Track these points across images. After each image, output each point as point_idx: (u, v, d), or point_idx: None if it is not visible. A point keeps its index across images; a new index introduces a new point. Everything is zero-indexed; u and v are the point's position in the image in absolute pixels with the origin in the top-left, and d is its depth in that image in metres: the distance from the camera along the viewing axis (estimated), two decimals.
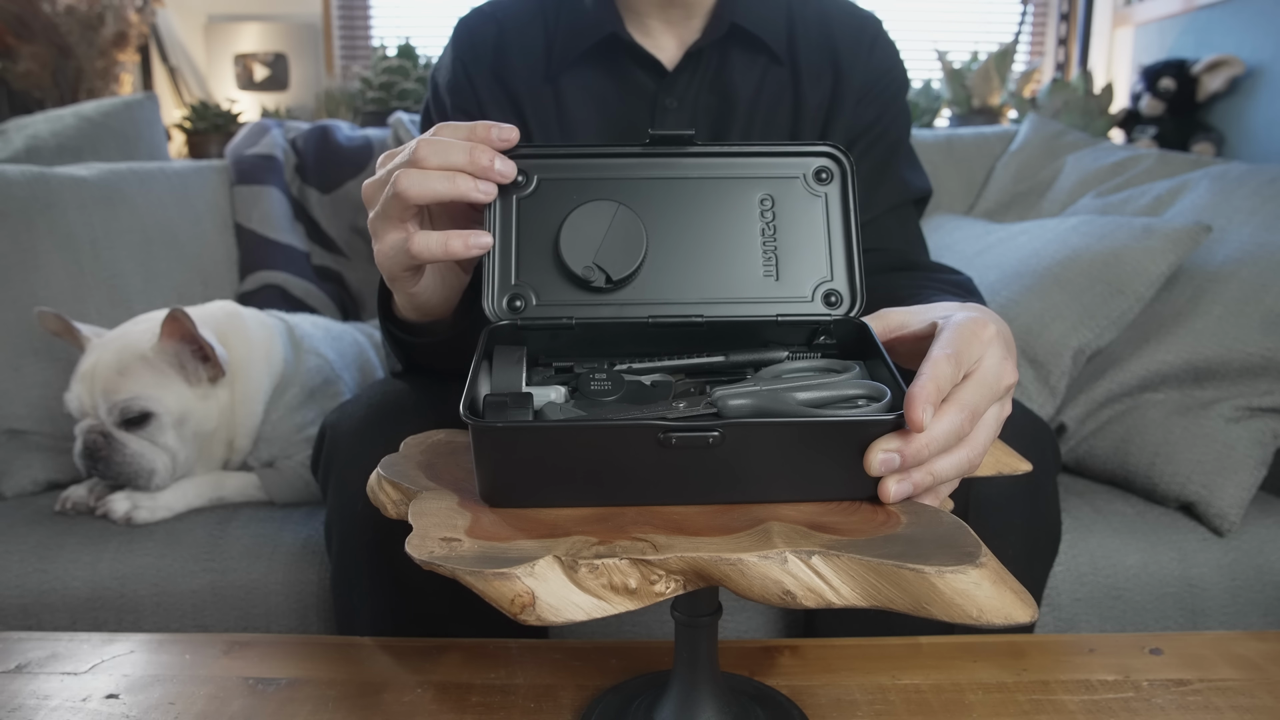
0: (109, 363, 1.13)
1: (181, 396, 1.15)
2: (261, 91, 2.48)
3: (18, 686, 0.64)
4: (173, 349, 1.14)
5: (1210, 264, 1.27)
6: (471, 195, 0.56)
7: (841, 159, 0.59)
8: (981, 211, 1.68)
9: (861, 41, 0.97)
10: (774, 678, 0.65)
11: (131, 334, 1.16)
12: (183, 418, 1.15)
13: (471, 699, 0.62)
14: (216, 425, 1.18)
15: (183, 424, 1.15)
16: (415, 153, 0.57)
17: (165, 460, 1.14)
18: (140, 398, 1.12)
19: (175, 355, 1.14)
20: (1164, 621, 1.09)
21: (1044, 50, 2.64)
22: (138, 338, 1.15)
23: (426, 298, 0.67)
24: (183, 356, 1.14)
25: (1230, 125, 1.88)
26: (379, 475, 0.54)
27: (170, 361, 1.14)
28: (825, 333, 0.57)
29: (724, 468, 0.48)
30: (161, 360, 1.14)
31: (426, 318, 0.72)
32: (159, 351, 1.14)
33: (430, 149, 0.57)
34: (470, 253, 0.56)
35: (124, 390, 1.12)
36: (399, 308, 0.74)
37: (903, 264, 0.92)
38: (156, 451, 1.14)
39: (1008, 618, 0.43)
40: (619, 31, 0.93)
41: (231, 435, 1.21)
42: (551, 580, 0.43)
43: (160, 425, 1.13)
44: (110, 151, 1.61)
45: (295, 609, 1.06)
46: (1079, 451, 1.25)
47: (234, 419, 1.20)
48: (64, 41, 2.01)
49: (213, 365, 1.15)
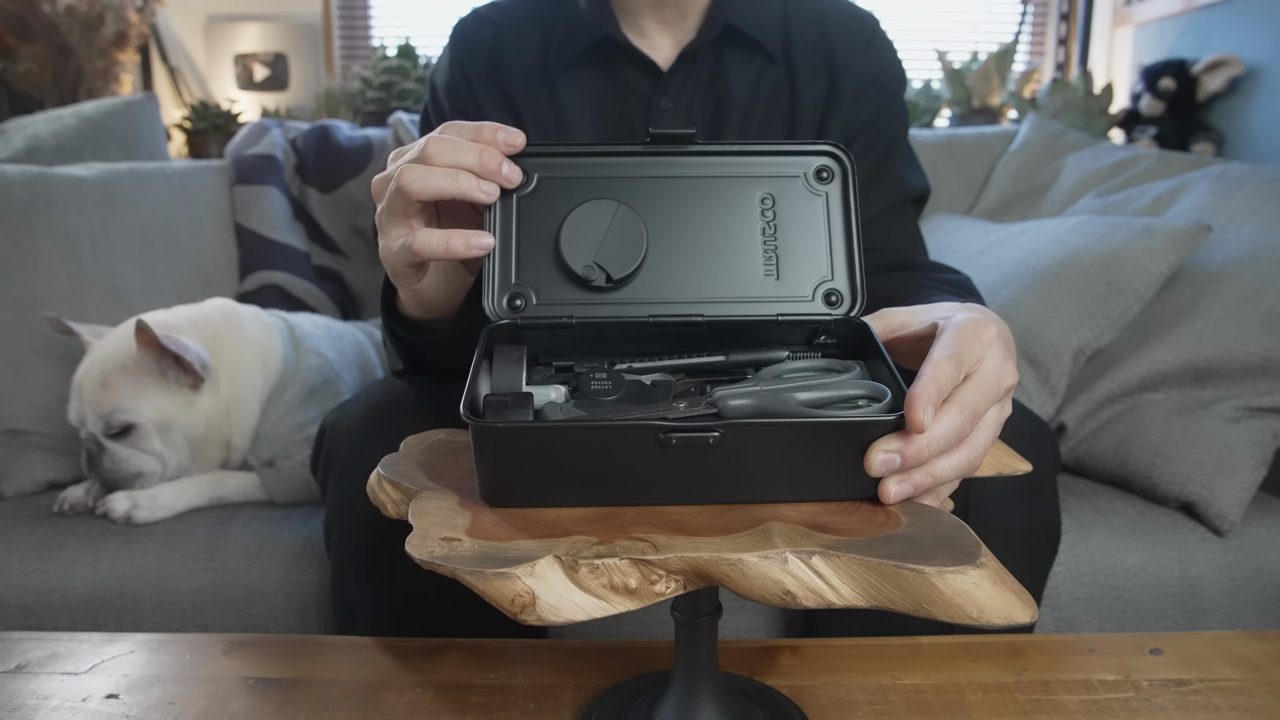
0: (94, 375, 1.15)
1: (161, 405, 1.15)
2: (261, 91, 2.48)
3: (18, 686, 0.64)
4: (152, 356, 1.14)
5: (1210, 264, 1.27)
6: (474, 194, 0.56)
7: (842, 158, 0.58)
8: (981, 211, 1.68)
9: (858, 40, 0.97)
10: (774, 678, 0.65)
11: (114, 343, 1.17)
12: (166, 425, 1.15)
13: (471, 699, 0.62)
14: (207, 428, 1.18)
15: (168, 430, 1.16)
16: (424, 150, 0.57)
17: (153, 464, 1.16)
18: (120, 410, 1.13)
19: (155, 363, 1.14)
20: (1164, 621, 1.09)
21: (1044, 50, 2.64)
22: (120, 346, 1.16)
23: (430, 295, 0.67)
24: (163, 363, 1.15)
25: (1230, 125, 1.88)
26: (379, 475, 0.54)
27: (150, 369, 1.14)
28: (826, 332, 0.57)
29: (724, 468, 0.48)
30: (141, 369, 1.14)
31: (430, 315, 0.72)
32: (139, 360, 1.14)
33: (439, 147, 0.57)
34: (471, 253, 0.56)
35: (106, 403, 1.14)
36: (402, 305, 0.74)
37: (901, 263, 0.91)
38: (144, 457, 1.15)
39: (1008, 618, 0.43)
40: (614, 33, 0.93)
41: (227, 436, 1.21)
42: (551, 580, 0.43)
43: (143, 434, 1.14)
44: (110, 151, 1.61)
45: (295, 609, 1.06)
46: (1079, 451, 1.25)
47: (229, 420, 1.20)
48: (64, 41, 2.01)
49: (189, 373, 1.15)
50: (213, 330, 1.21)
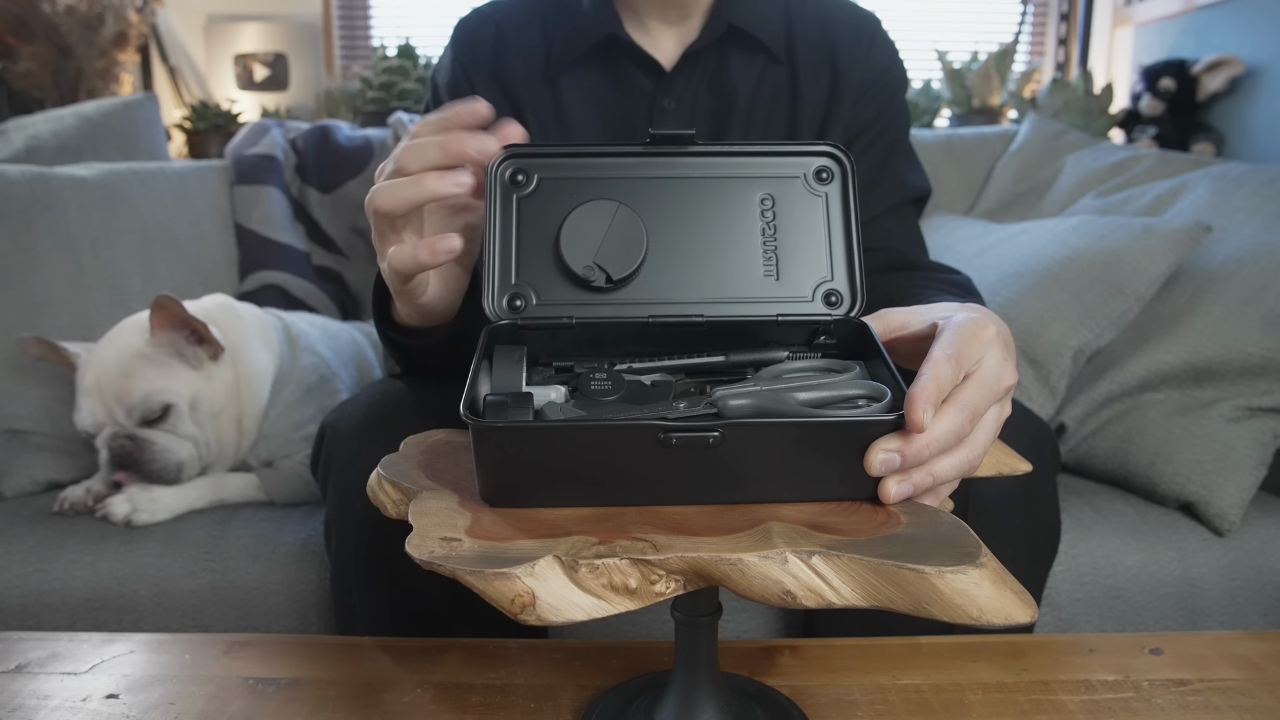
0: (111, 370, 1.14)
1: (189, 381, 1.16)
2: (261, 91, 2.48)
3: (18, 686, 0.64)
4: (167, 339, 1.15)
5: (1210, 264, 1.27)
6: (444, 191, 0.56)
7: (842, 159, 0.58)
8: (981, 211, 1.68)
9: (860, 40, 0.97)
10: (774, 678, 0.65)
11: (121, 338, 1.17)
12: (195, 401, 1.17)
13: (471, 699, 0.62)
14: (224, 404, 1.19)
15: (196, 408, 1.17)
16: (398, 161, 0.57)
17: (190, 449, 1.16)
18: (155, 392, 1.14)
19: (171, 344, 1.15)
20: (1164, 621, 1.09)
21: (1044, 50, 2.64)
22: (129, 339, 1.16)
23: (435, 304, 0.67)
24: (178, 344, 1.16)
25: (1230, 125, 1.88)
26: (379, 475, 0.54)
27: (168, 352, 1.16)
28: (825, 333, 0.57)
29: (724, 468, 0.48)
30: (160, 353, 1.15)
31: (429, 322, 0.72)
32: (154, 345, 1.15)
33: (409, 154, 0.57)
34: (439, 258, 0.56)
35: (136, 391, 1.13)
36: (398, 314, 0.74)
37: (901, 263, 0.91)
38: (181, 442, 1.16)
39: (1008, 618, 0.43)
40: (617, 32, 0.93)
41: (239, 413, 1.21)
42: (552, 580, 0.43)
43: (179, 415, 1.15)
44: (110, 151, 1.61)
45: (295, 609, 1.06)
46: (1079, 451, 1.25)
47: (240, 398, 1.21)
48: (64, 41, 2.01)
49: (210, 344, 1.17)
50: (211, 317, 1.21)
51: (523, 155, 0.57)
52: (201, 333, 1.15)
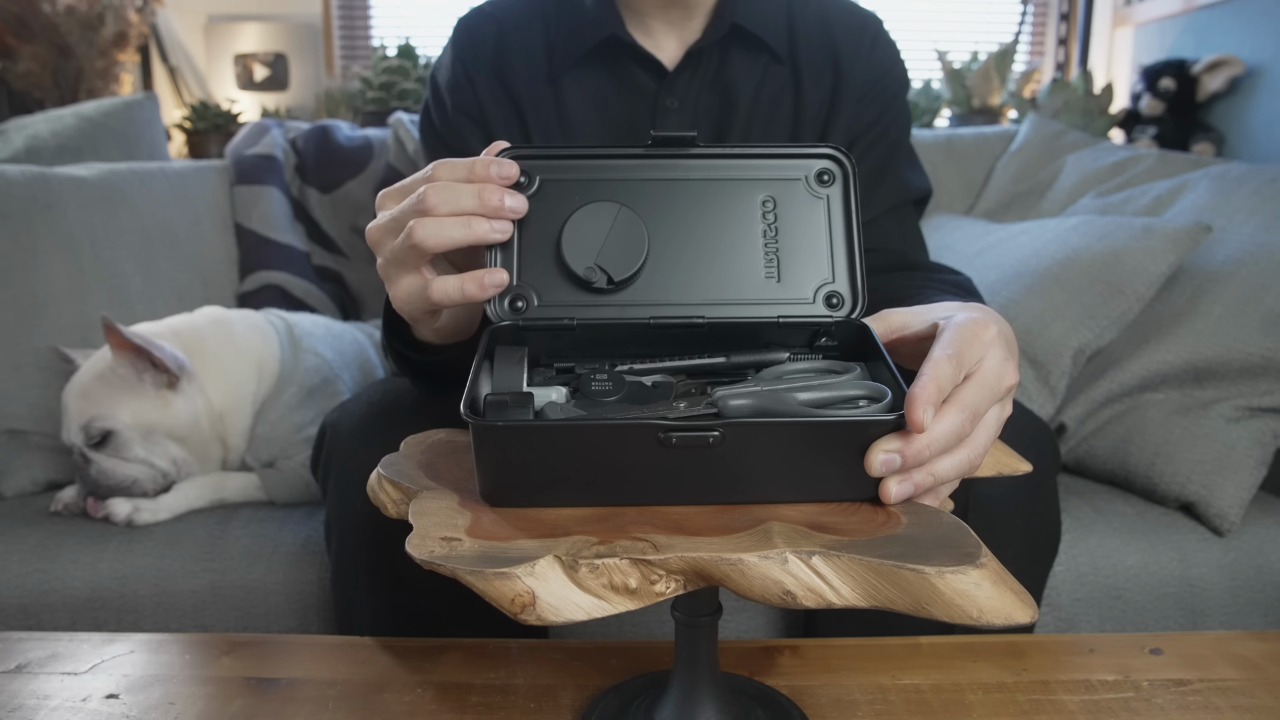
0: (74, 389, 1.15)
1: (137, 409, 1.14)
2: (261, 91, 2.48)
3: (18, 686, 0.64)
4: (129, 361, 1.14)
5: (1210, 264, 1.27)
6: (490, 237, 0.55)
7: (843, 161, 0.59)
8: (981, 211, 1.68)
9: (862, 41, 0.97)
10: (774, 678, 0.65)
11: (102, 354, 1.17)
12: (148, 428, 1.15)
13: (471, 699, 0.62)
14: (192, 430, 1.17)
15: (150, 434, 1.15)
16: (424, 200, 0.55)
17: (142, 470, 1.15)
18: (97, 418, 1.13)
19: (132, 367, 1.14)
20: (1164, 621, 1.09)
21: (1044, 50, 2.64)
22: (101, 359, 1.16)
23: (453, 327, 0.67)
24: (139, 367, 1.14)
25: (1230, 125, 1.88)
26: (379, 475, 0.54)
27: (126, 375, 1.14)
28: (826, 334, 0.57)
29: (724, 468, 0.48)
30: (116, 377, 1.14)
31: (448, 340, 0.72)
32: (115, 368, 1.14)
33: (439, 195, 0.55)
34: (488, 293, 0.55)
35: (84, 413, 1.14)
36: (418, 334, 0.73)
37: (902, 264, 0.91)
38: (129, 465, 1.14)
39: (1008, 618, 0.43)
40: (619, 32, 0.93)
41: (222, 434, 1.21)
42: (552, 580, 0.43)
43: (123, 441, 1.14)
44: (110, 151, 1.61)
45: (295, 609, 1.06)
46: (1079, 451, 1.26)
47: (223, 424, 1.20)
48: (64, 41, 2.01)
49: (164, 372, 1.14)
50: (197, 336, 1.20)
51: (524, 157, 0.58)
52: (154, 359, 1.13)
